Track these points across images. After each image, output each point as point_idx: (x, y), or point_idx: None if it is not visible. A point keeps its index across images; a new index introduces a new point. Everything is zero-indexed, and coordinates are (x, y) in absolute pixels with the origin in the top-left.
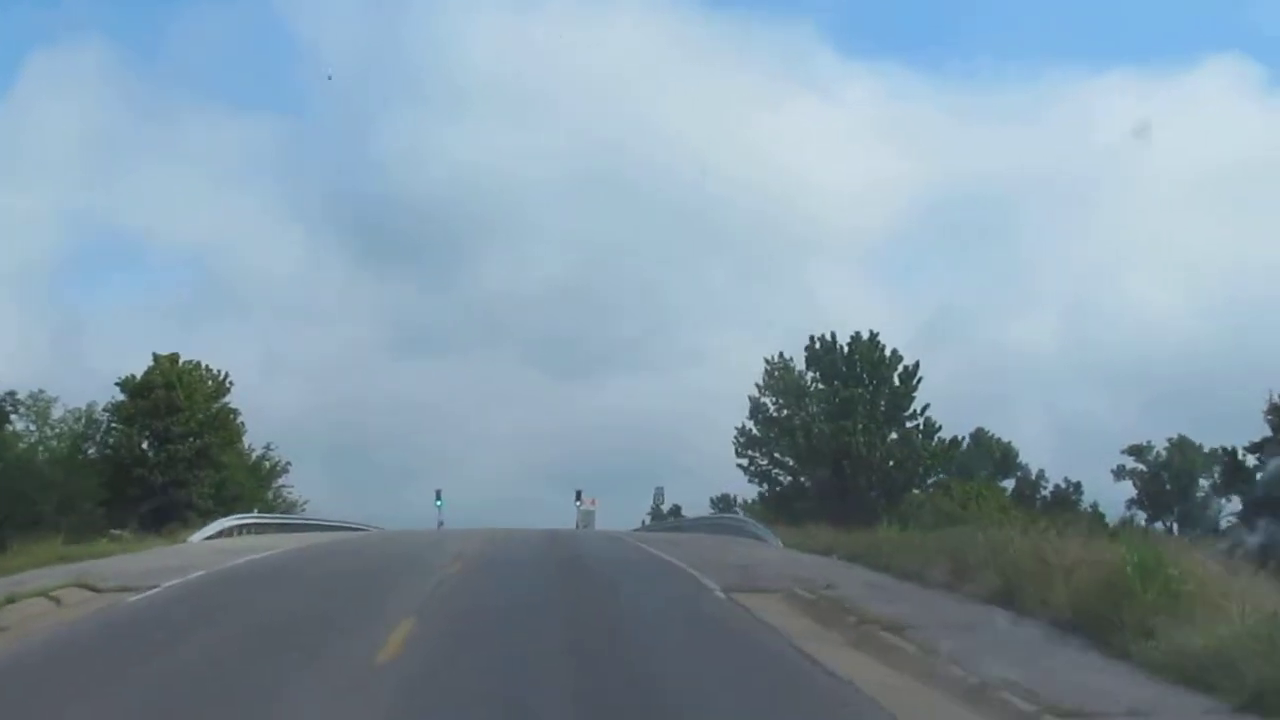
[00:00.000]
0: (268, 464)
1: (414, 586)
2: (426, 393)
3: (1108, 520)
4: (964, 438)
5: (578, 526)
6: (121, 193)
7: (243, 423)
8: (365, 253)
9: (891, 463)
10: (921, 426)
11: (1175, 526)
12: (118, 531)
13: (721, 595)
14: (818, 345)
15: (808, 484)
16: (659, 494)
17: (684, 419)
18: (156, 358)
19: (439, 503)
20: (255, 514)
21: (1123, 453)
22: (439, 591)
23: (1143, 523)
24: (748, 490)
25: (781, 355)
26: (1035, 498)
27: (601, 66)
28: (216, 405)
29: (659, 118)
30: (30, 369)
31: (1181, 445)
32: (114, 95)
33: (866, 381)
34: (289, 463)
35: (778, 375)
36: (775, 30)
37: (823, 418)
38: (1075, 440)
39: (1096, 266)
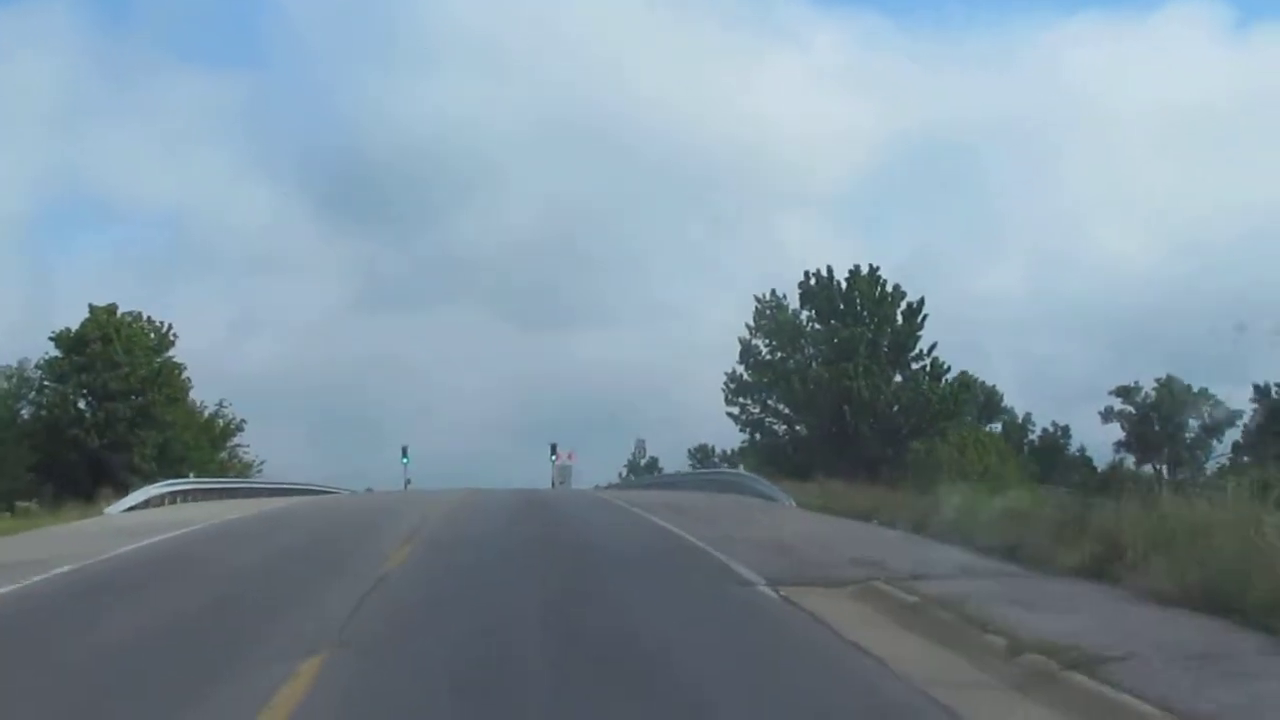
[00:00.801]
0: (220, 422)
1: (337, 595)
2: (397, 347)
3: (1095, 465)
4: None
5: (554, 483)
6: (89, 151)
7: (188, 378)
8: (335, 208)
9: (896, 408)
10: (928, 368)
11: (1165, 469)
12: (25, 503)
13: (770, 593)
14: (813, 281)
15: (805, 433)
16: (640, 446)
17: (658, 370)
18: (93, 309)
19: (405, 460)
20: (190, 479)
21: (1110, 394)
22: (365, 609)
23: (1132, 466)
24: (725, 440)
25: (774, 293)
26: (1024, 442)
27: (572, 19)
28: (159, 360)
29: (629, 70)
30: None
31: (1170, 385)
32: (83, 54)
33: (867, 320)
34: (243, 421)
35: (770, 315)
36: None
37: (820, 360)
38: (1048, 385)
39: (1064, 211)
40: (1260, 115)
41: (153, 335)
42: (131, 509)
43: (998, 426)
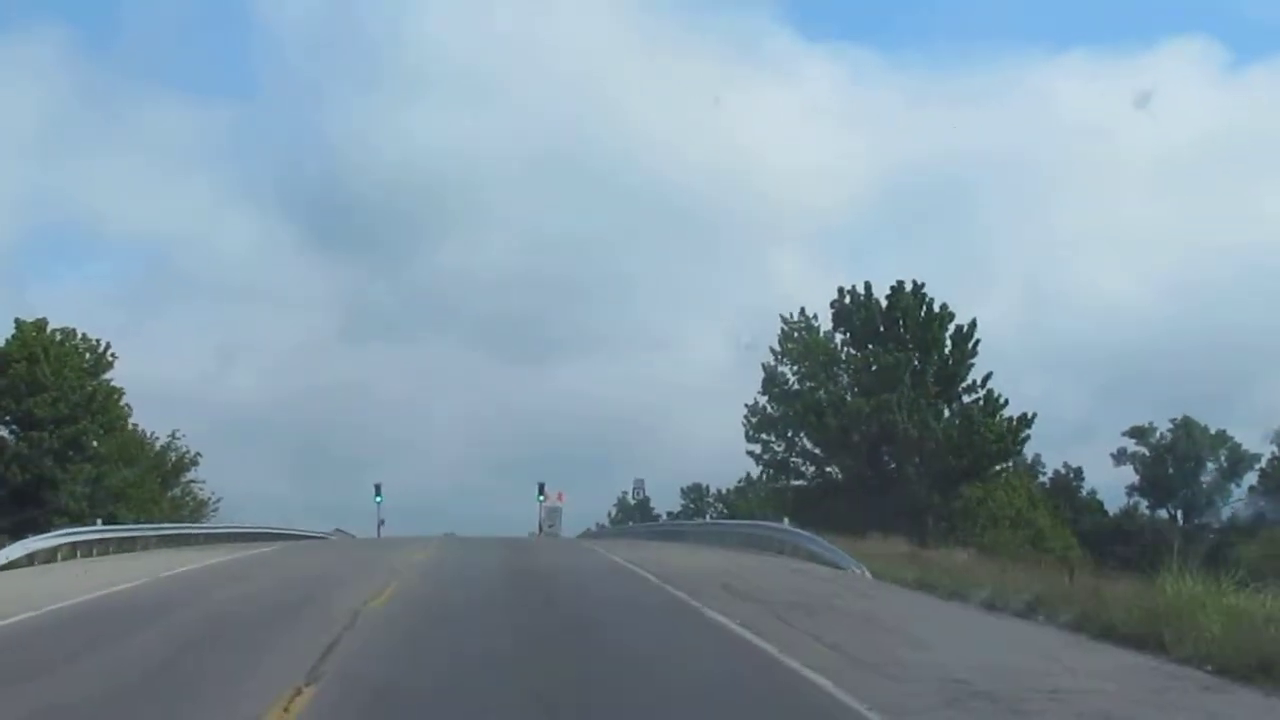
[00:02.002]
0: (173, 456)
1: None
2: (378, 379)
3: (1107, 509)
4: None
5: (541, 526)
6: (72, 179)
7: (128, 405)
8: (318, 238)
9: (942, 447)
10: (981, 401)
11: (1180, 514)
12: None
13: None
14: (846, 299)
15: (838, 476)
16: (638, 486)
17: (647, 407)
18: (20, 324)
19: (378, 499)
20: (96, 527)
21: (1123, 434)
22: None
23: (1146, 511)
24: (720, 479)
25: (803, 312)
26: (1033, 484)
27: (559, 50)
28: (93, 383)
29: (616, 101)
30: None
31: (1187, 426)
32: (68, 81)
33: (910, 345)
34: (198, 455)
35: (798, 338)
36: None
37: (857, 391)
38: (1042, 425)
39: (1054, 249)
40: (1254, 155)
41: (88, 355)
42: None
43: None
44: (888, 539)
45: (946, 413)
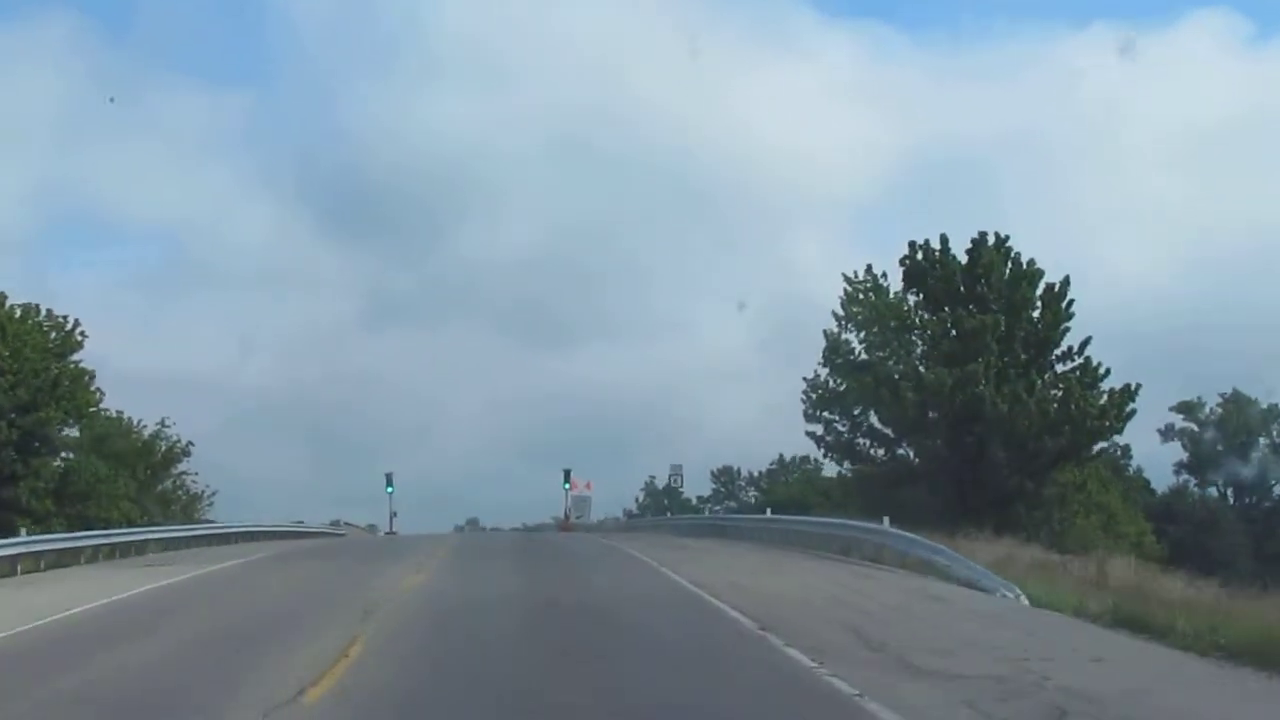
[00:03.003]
0: (162, 446)
1: None
2: (396, 366)
3: (1154, 487)
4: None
5: (568, 515)
6: (89, 167)
7: (99, 390)
8: (337, 224)
9: (1036, 424)
10: (1079, 372)
11: (1230, 492)
12: None
13: None
14: (919, 255)
15: (914, 459)
16: (675, 473)
17: (669, 390)
18: None
19: (390, 489)
20: (24, 537)
21: (1171, 410)
22: None
23: (1195, 489)
24: (753, 462)
25: (869, 270)
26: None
27: (576, 35)
28: (59, 366)
29: (635, 83)
30: None
31: (1237, 401)
32: (83, 68)
33: (995, 308)
34: (190, 444)
35: (864, 299)
36: None
37: (935, 361)
38: None
39: (1075, 225)
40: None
41: (53, 334)
42: None
43: None
44: (993, 537)
45: (1039, 385)
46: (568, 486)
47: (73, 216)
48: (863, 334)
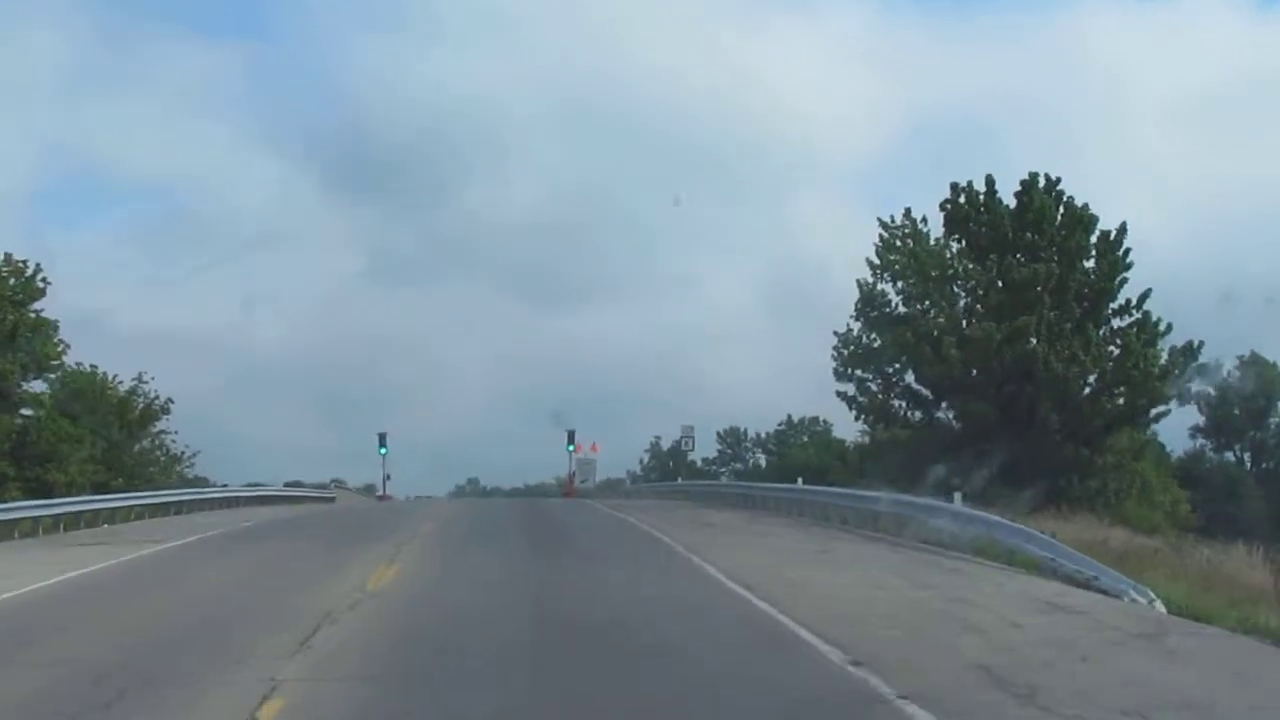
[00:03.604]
0: (140, 403)
1: None
2: (399, 325)
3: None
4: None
5: (573, 480)
6: (91, 124)
7: (63, 342)
8: (340, 182)
9: (1089, 385)
10: (1137, 328)
11: (1248, 458)
12: None
13: None
14: (961, 199)
15: (957, 424)
16: (687, 436)
17: (673, 351)
18: None
19: (383, 450)
20: None
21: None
22: None
23: (1211, 454)
24: (760, 423)
25: (907, 214)
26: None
27: None
28: (16, 315)
29: (639, 41)
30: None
31: (1255, 364)
32: (85, 24)
33: (1045, 255)
34: (170, 400)
35: (902, 245)
36: None
37: (981, 314)
38: None
39: (1079, 191)
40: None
41: (12, 280)
42: None
43: None
44: (1058, 514)
45: (1095, 341)
46: (572, 449)
47: (73, 174)
48: (900, 284)
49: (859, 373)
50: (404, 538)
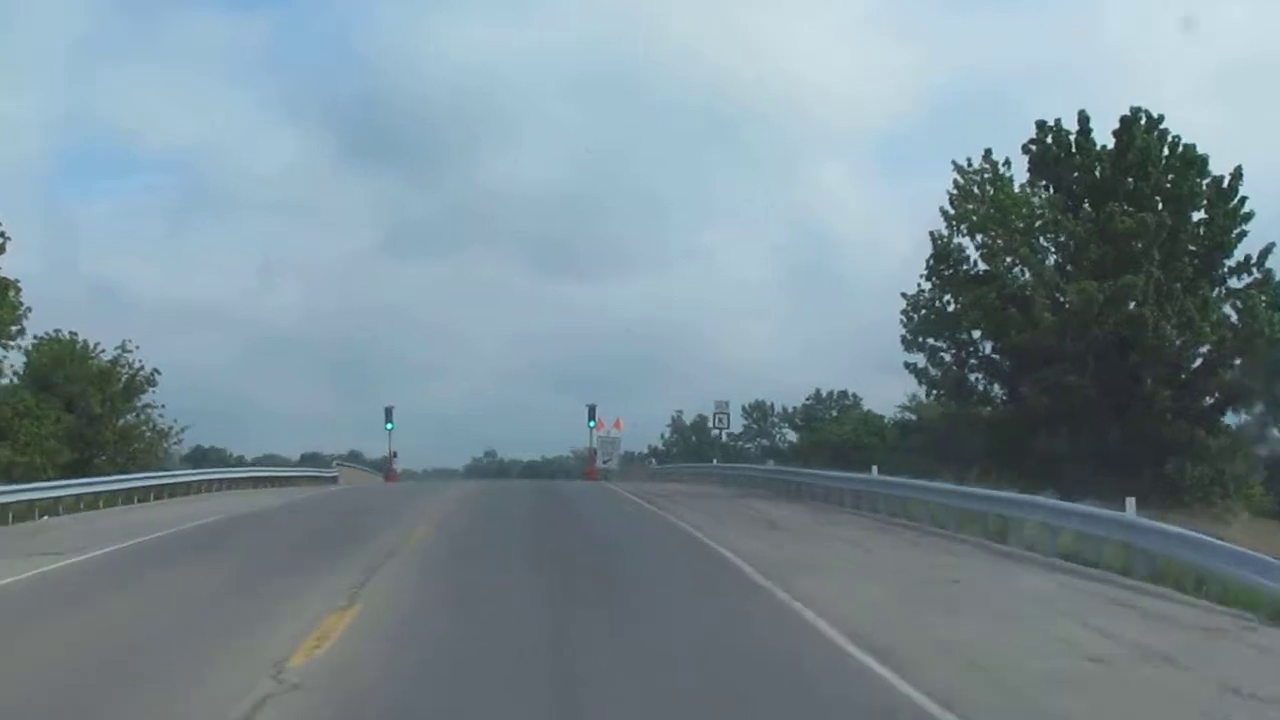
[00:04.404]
0: (124, 374)
1: None
2: (415, 296)
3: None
4: None
5: (594, 461)
6: (109, 93)
7: (24, 305)
8: (356, 152)
9: (1202, 355)
10: (1261, 290)
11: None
12: None
13: None
14: (1049, 140)
15: (1043, 401)
16: (721, 412)
17: (691, 323)
18: None
19: (389, 426)
20: None
21: None
22: None
23: None
24: (787, 397)
25: (987, 157)
26: None
27: None
28: None
29: (656, 11)
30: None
31: None
32: None
33: (1150, 203)
34: (156, 371)
35: (981, 194)
36: None
37: (1081, 271)
38: None
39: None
40: None
41: None
42: None
43: None
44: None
45: (1212, 303)
46: (593, 425)
47: (91, 143)
48: (979, 238)
49: (931, 340)
50: (383, 551)
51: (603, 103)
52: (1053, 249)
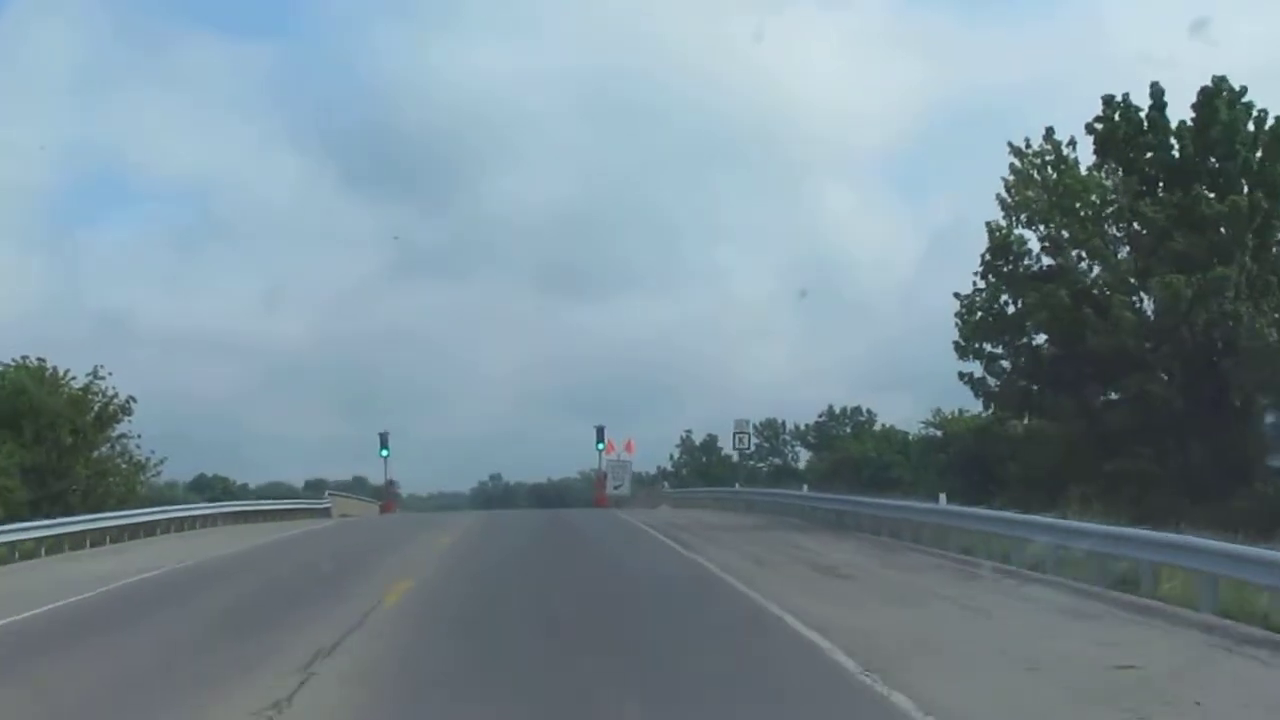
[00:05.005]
0: (96, 401)
1: None
2: (420, 321)
3: None
4: None
5: (608, 486)
6: (114, 123)
7: None
8: (361, 177)
9: None
10: None
11: None
12: None
13: None
14: (1117, 117)
15: (1126, 412)
16: (742, 431)
17: (698, 344)
18: None
19: (384, 452)
20: None
21: None
22: None
23: None
24: (799, 413)
25: (1049, 135)
26: None
27: None
28: None
29: (660, 30)
30: (28, 307)
31: None
32: (107, 23)
33: (1236, 185)
34: (131, 399)
35: (1043, 179)
36: None
37: (1162, 264)
38: None
39: None
40: None
41: None
42: None
43: None
44: None
45: None
46: (602, 447)
47: (98, 173)
48: (1043, 229)
49: (988, 346)
50: (336, 632)
51: (610, 124)
52: (1126, 240)
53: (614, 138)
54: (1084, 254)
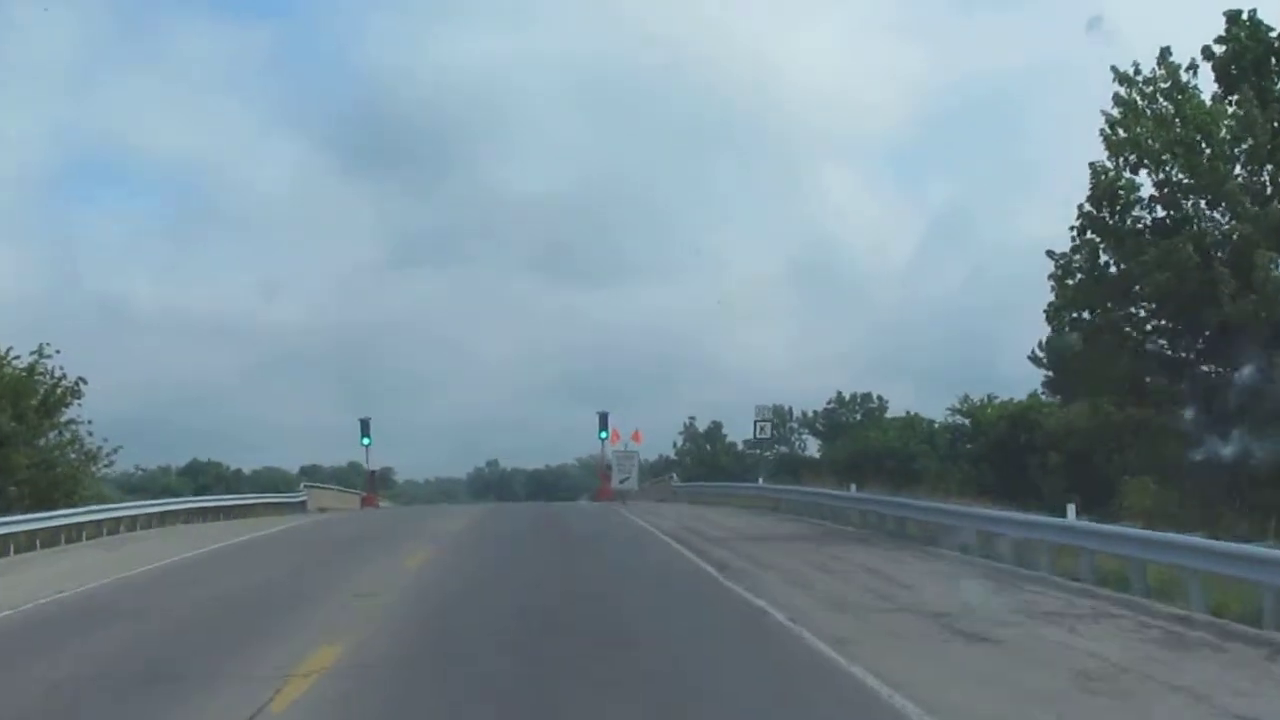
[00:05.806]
0: (43, 384)
1: None
2: (419, 305)
3: None
4: None
5: (612, 480)
6: (107, 106)
7: None
8: (358, 162)
9: None
10: None
11: None
12: None
13: None
14: (1243, 37)
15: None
16: (762, 419)
17: (699, 330)
18: None
19: (366, 441)
20: None
21: None
22: None
23: None
24: (807, 400)
25: (1162, 59)
26: None
27: None
28: None
29: (657, 15)
30: (23, 292)
31: None
32: (101, 6)
33: None
34: (81, 380)
35: (1158, 110)
36: None
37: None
38: None
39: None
40: None
41: None
42: None
43: None
44: None
45: None
46: (605, 436)
47: (92, 157)
48: (1158, 173)
49: (1085, 316)
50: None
51: (606, 108)
52: (1264, 181)
53: (614, 123)
54: (1212, 200)
